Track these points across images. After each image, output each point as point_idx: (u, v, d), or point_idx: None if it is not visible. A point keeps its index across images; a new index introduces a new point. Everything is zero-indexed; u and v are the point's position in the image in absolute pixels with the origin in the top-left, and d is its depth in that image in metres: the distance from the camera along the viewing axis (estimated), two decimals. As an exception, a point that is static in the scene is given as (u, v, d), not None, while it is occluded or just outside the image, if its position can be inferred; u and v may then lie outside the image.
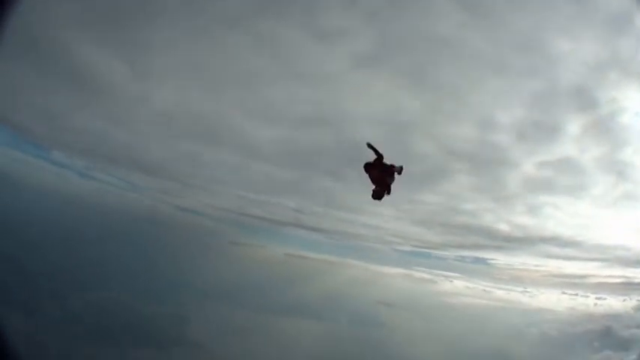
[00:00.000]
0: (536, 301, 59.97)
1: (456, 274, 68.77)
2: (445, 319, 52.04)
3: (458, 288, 67.56)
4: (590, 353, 42.42)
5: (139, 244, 47.79)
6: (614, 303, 52.39)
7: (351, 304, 51.91)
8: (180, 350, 38.35)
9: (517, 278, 67.04)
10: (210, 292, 46.81)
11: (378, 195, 6.82)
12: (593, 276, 60.49)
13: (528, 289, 62.91)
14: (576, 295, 58.22)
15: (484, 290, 64.26)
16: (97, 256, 42.05)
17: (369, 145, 6.76)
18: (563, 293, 59.66)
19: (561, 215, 63.35)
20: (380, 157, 6.43)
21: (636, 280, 49.10)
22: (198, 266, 48.91)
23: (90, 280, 39.39)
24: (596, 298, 55.21)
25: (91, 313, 36.03)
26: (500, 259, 65.48)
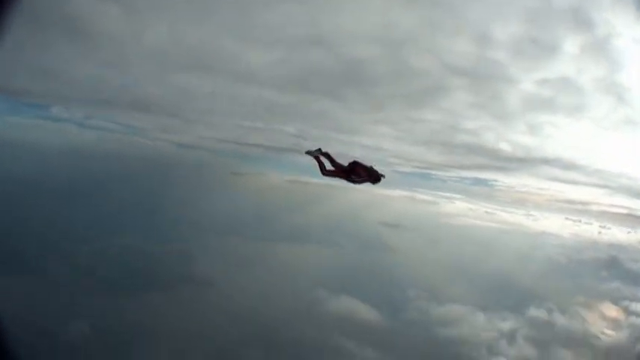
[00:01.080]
0: (540, 225, 61.03)
1: (458, 196, 69.11)
2: (448, 240, 51.69)
3: (460, 209, 68.13)
4: (598, 282, 40.44)
5: (142, 186, 47.31)
6: (619, 234, 53.58)
7: (354, 228, 51.81)
8: (189, 289, 37.99)
9: (519, 201, 67.55)
10: (214, 226, 46.44)
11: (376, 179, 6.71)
12: (596, 203, 61.50)
13: (531, 213, 63.76)
14: (579, 221, 59.48)
15: (486, 212, 64.93)
16: (101, 206, 41.67)
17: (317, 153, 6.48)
18: (567, 219, 60.84)
19: (562, 135, 61.97)
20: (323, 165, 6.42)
21: (640, 213, 49.44)
22: (201, 202, 48.03)
23: (96, 231, 38.78)
24: (600, 227, 56.39)
25: (99, 265, 35.89)
26: (502, 180, 65.51)
